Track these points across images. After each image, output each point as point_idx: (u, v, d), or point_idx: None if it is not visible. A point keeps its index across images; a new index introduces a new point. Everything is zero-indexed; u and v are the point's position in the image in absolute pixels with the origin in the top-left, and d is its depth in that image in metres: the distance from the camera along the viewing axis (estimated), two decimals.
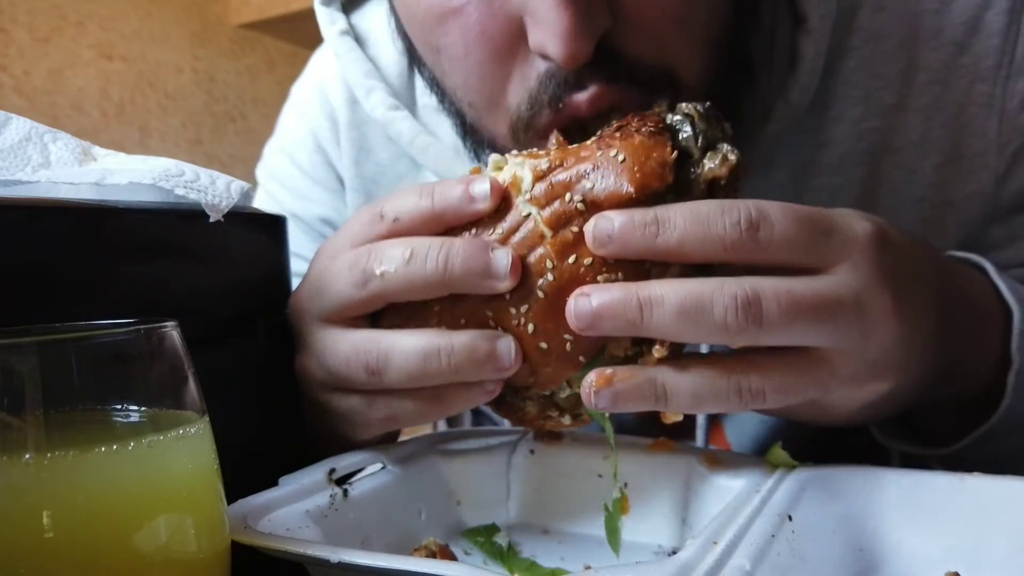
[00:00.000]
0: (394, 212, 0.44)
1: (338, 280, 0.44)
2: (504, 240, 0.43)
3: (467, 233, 0.44)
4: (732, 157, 0.42)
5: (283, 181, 0.81)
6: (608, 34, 0.46)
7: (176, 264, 0.42)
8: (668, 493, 0.48)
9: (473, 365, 0.42)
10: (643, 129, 0.42)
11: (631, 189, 0.41)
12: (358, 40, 0.72)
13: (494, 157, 0.46)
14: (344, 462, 0.46)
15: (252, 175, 0.89)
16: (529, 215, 0.42)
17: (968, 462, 0.48)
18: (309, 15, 0.94)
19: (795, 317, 0.38)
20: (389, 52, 0.71)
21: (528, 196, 0.43)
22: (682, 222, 0.39)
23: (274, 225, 0.49)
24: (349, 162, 0.75)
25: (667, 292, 0.38)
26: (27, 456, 0.26)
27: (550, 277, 0.41)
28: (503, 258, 0.41)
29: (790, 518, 0.38)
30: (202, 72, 3.19)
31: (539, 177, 0.43)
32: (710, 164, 0.42)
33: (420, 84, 0.70)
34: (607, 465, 0.49)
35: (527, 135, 0.50)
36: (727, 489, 0.45)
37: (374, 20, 0.74)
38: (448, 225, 0.44)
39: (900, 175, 0.59)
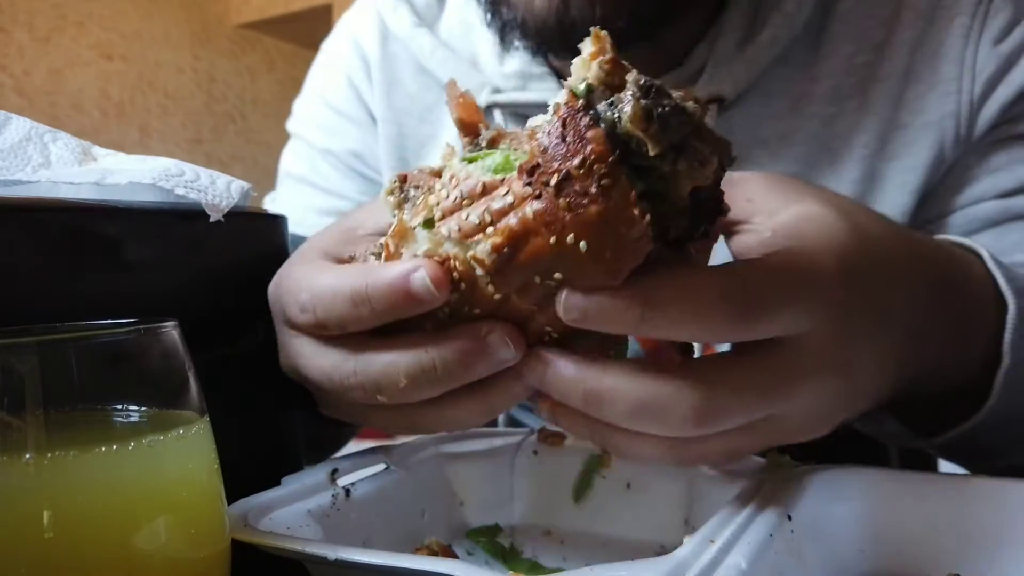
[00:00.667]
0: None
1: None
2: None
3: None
4: (713, 161, 0.33)
5: (315, 122, 0.85)
6: None
7: (176, 264, 0.42)
8: (671, 493, 0.48)
9: (469, 370, 0.37)
10: (590, 183, 0.32)
11: (614, 280, 0.33)
12: None
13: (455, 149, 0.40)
14: (347, 463, 0.46)
15: (252, 175, 0.90)
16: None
17: (963, 450, 0.48)
18: (309, 15, 0.98)
19: (753, 410, 0.36)
20: None
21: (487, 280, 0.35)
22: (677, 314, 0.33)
23: (274, 225, 0.49)
24: (381, 95, 0.79)
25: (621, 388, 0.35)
26: (27, 456, 0.26)
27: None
28: (502, 350, 0.36)
29: (789, 518, 0.38)
30: (202, 72, 3.19)
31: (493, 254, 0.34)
32: (687, 176, 0.33)
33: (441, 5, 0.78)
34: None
35: None
36: (729, 489, 0.45)
37: None
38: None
39: (887, 103, 0.63)
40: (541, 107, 0.51)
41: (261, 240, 0.47)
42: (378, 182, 0.83)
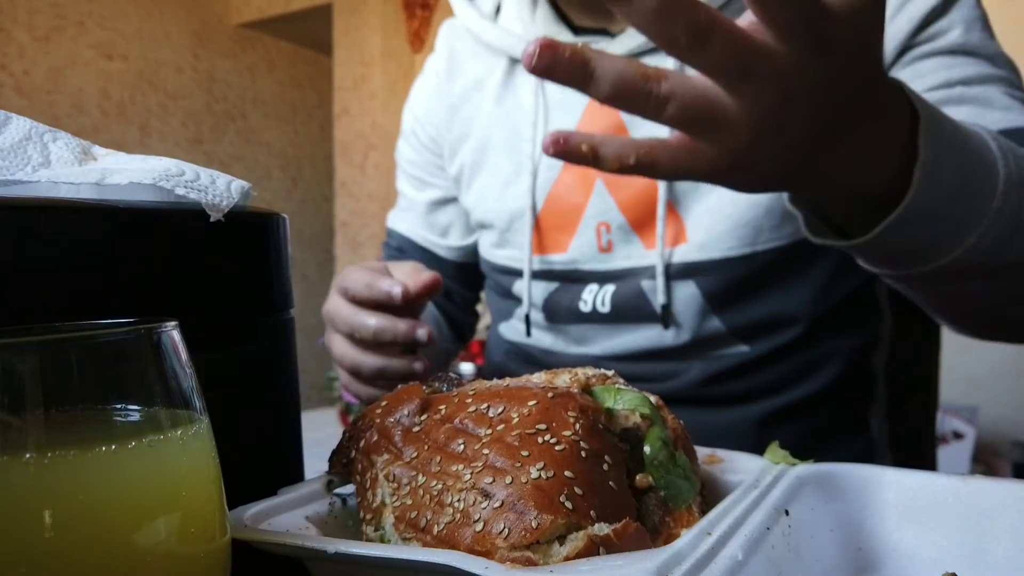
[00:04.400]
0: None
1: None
2: None
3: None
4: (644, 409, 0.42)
5: (410, 106, 1.06)
6: None
7: (176, 264, 0.42)
8: None
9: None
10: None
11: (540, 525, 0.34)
12: None
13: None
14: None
15: (252, 174, 0.92)
16: None
17: (885, 252, 0.55)
18: (309, 15, 1.00)
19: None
20: None
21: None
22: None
23: (274, 225, 0.49)
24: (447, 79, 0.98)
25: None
26: (27, 456, 0.26)
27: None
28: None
29: (787, 513, 0.39)
30: (202, 72, 3.19)
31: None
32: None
33: None
34: None
35: None
36: (728, 485, 0.45)
37: None
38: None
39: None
40: None
41: (261, 240, 0.47)
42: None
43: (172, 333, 0.30)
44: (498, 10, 0.94)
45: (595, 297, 0.84)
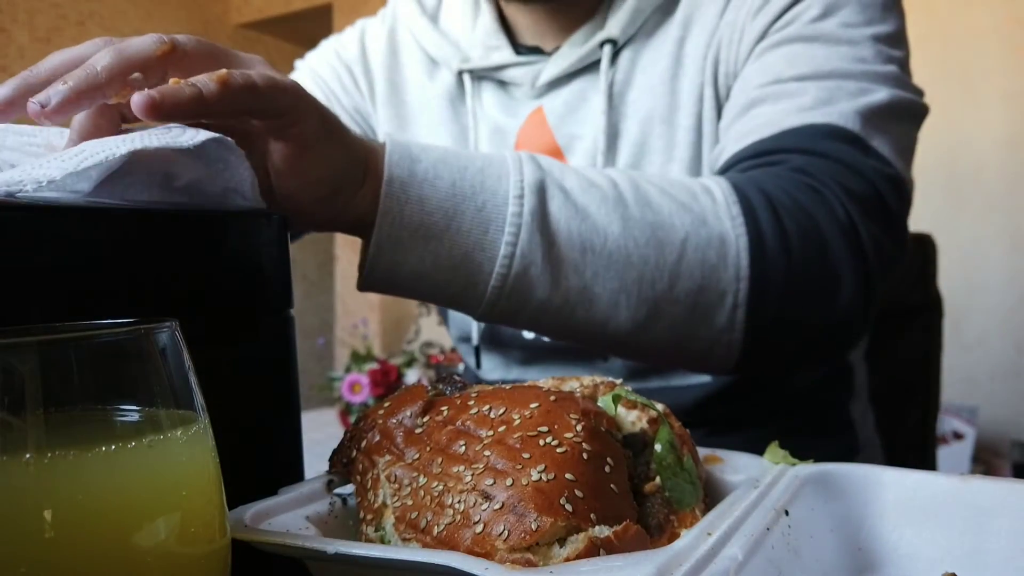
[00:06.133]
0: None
1: None
2: None
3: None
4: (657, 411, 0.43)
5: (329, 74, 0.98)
6: None
7: (176, 264, 0.42)
8: None
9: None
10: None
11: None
12: None
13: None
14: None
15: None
16: None
17: (392, 275, 0.56)
18: (309, 15, 1.00)
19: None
20: None
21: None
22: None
23: (274, 225, 0.49)
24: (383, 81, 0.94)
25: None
26: (27, 456, 0.26)
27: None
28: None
29: (787, 513, 0.39)
30: None
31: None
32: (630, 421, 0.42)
33: None
34: None
35: None
36: (728, 485, 0.45)
37: None
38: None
39: (712, 22, 0.77)
40: (498, 69, 0.83)
41: (261, 240, 0.47)
42: None
43: (172, 333, 0.30)
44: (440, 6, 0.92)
45: None
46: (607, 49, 0.78)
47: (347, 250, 3.80)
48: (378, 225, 0.54)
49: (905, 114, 0.70)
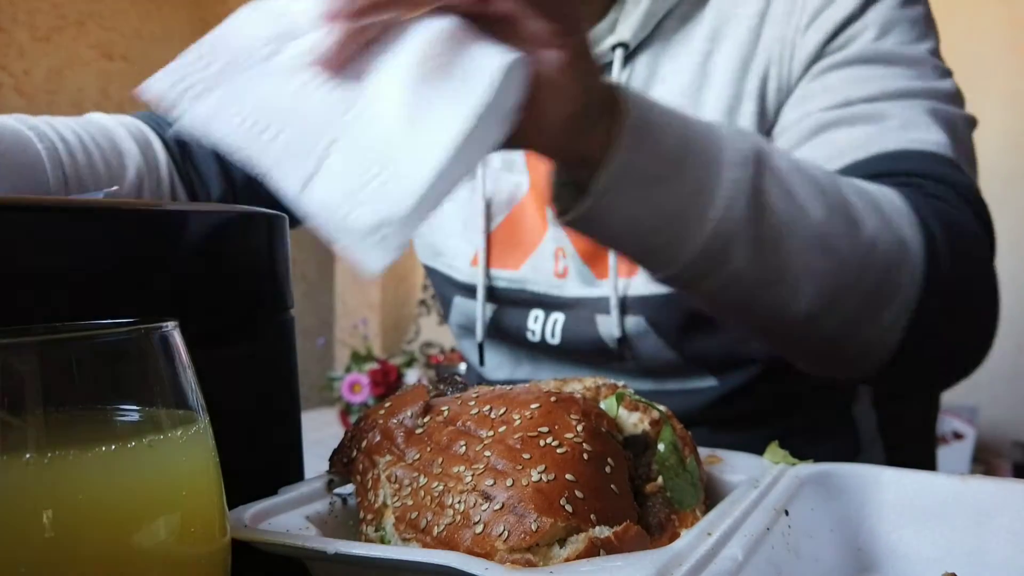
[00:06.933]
0: None
1: None
2: None
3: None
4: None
5: None
6: None
7: (176, 264, 0.42)
8: None
9: None
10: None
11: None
12: None
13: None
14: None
15: None
16: None
17: (627, 227, 0.54)
18: None
19: None
20: None
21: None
22: None
23: (274, 225, 0.49)
24: None
25: None
26: (27, 456, 0.26)
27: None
28: None
29: (786, 513, 0.39)
30: None
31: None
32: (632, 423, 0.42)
33: None
34: None
35: None
36: (728, 485, 0.45)
37: None
38: None
39: (746, 36, 0.76)
40: None
41: (261, 240, 0.47)
42: None
43: (172, 333, 0.30)
44: None
45: (543, 327, 0.82)
46: (619, 52, 0.78)
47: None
48: (614, 162, 0.51)
49: (970, 130, 0.72)
